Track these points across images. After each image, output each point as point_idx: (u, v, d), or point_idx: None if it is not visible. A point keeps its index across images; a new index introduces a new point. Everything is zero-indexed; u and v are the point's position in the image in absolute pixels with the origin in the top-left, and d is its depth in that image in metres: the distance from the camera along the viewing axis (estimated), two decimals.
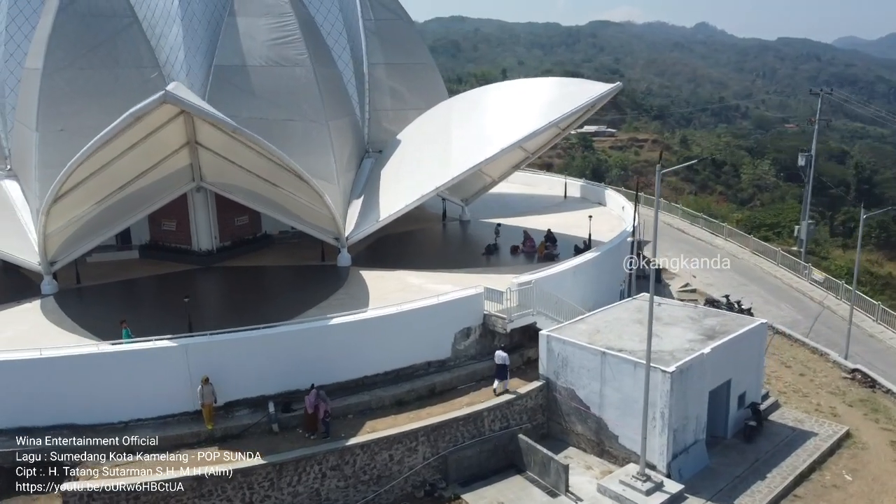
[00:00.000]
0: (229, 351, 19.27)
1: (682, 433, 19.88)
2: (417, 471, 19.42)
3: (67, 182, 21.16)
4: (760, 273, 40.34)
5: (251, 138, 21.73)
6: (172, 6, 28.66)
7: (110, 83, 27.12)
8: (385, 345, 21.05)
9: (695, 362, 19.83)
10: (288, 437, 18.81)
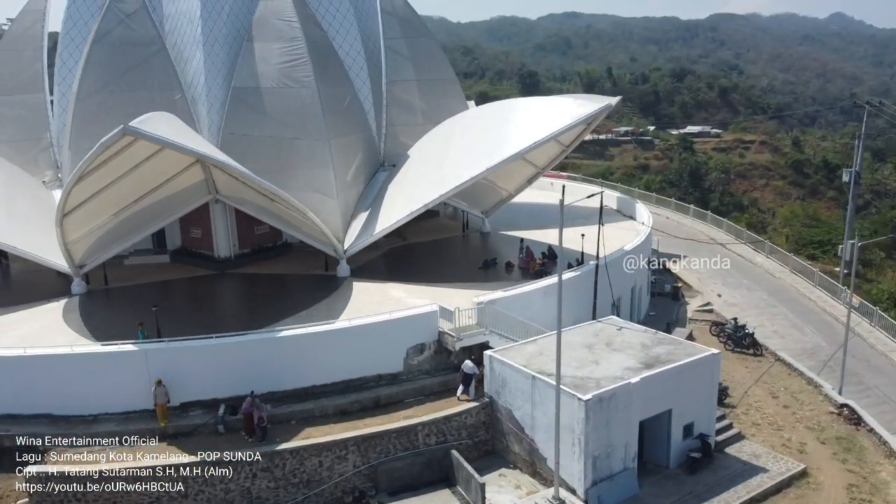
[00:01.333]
0: (185, 357, 21.43)
1: (605, 460, 20.15)
2: (348, 478, 20.80)
3: (70, 201, 24.00)
4: (794, 294, 38.69)
5: (216, 162, 23.70)
6: (197, 33, 31.38)
7: (138, 105, 29.67)
8: (334, 357, 22.57)
9: (619, 391, 20.03)
10: (230, 439, 20.71)
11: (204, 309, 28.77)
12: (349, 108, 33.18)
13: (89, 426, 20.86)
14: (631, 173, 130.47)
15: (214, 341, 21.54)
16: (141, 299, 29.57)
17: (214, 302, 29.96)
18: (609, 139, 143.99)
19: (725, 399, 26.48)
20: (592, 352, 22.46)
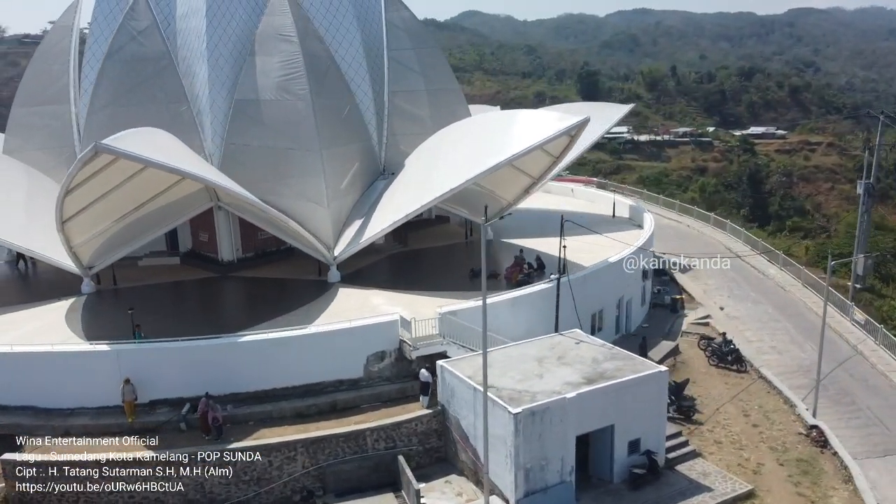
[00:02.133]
0: (153, 358, 23.06)
1: (539, 472, 20.63)
2: (297, 478, 21.95)
3: (66, 210, 25.97)
4: (802, 308, 37.78)
5: (188, 174, 25.20)
6: (202, 48, 33.12)
7: (147, 118, 31.75)
8: (294, 362, 23.77)
9: (553, 406, 20.48)
10: (190, 436, 22.17)
11: (196, 310, 30.51)
12: (347, 119, 34.34)
13: (66, 419, 22.71)
14: (688, 175, 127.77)
15: (180, 344, 23.07)
16: (145, 299, 31.60)
17: (208, 304, 31.63)
18: (666, 140, 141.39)
19: (693, 415, 26.46)
20: (541, 365, 22.91)
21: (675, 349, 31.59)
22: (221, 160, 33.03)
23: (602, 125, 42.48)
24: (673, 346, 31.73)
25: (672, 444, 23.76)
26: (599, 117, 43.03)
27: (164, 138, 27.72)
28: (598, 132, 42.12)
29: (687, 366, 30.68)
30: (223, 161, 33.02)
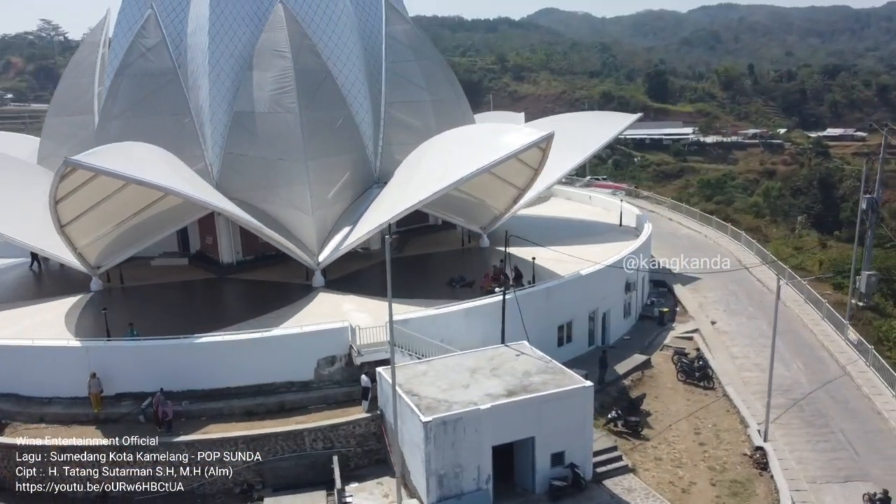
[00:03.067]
0: (119, 355, 25.26)
1: (453, 479, 21.52)
2: (238, 471, 23.60)
3: (62, 216, 28.51)
4: (798, 325, 36.91)
5: (157, 186, 27.14)
6: (205, 62, 35.33)
7: (151, 129, 34.23)
8: (247, 363, 25.44)
9: (466, 416, 21.32)
10: (146, 428, 24.14)
11: (188, 309, 32.57)
12: (339, 130, 35.80)
13: (43, 407, 25.15)
14: (754, 179, 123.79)
15: (141, 343, 25.21)
16: (147, 298, 34.19)
17: (199, 304, 33.71)
18: (734, 142, 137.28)
19: (641, 430, 26.65)
20: (472, 376, 23.73)
21: (645, 363, 31.62)
22: (220, 169, 35.18)
23: (607, 134, 42.68)
24: (644, 359, 31.76)
25: (604, 459, 24.13)
26: (607, 126, 43.38)
27: (143, 152, 29.89)
28: (601, 142, 42.38)
29: (654, 380, 30.72)
30: (222, 170, 35.19)
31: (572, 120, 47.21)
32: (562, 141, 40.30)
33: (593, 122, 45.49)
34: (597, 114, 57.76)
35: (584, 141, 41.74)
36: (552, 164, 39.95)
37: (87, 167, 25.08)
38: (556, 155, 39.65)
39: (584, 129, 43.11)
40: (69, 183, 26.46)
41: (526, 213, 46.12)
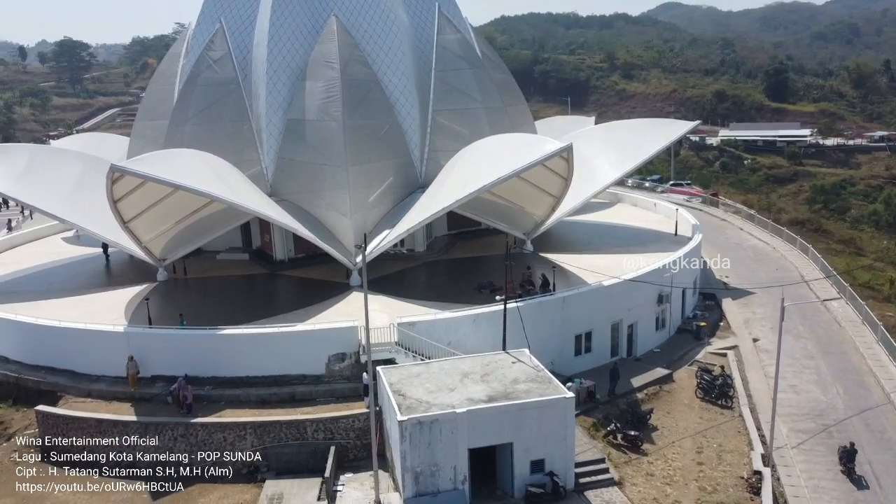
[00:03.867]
0: (154, 341, 28.06)
1: (430, 477, 22.61)
2: (246, 454, 25.75)
3: (123, 214, 31.81)
4: (848, 348, 35.13)
5: (194, 191, 29.66)
6: (263, 73, 38.02)
7: (213, 135, 37.57)
8: (264, 355, 27.55)
9: (442, 418, 22.35)
10: (170, 409, 26.79)
11: (236, 302, 35.21)
12: (384, 137, 37.53)
13: (91, 383, 28.40)
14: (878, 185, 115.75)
15: (173, 332, 27.92)
16: (204, 289, 37.31)
17: (247, 297, 36.32)
18: (858, 145, 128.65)
19: (641, 444, 26.64)
20: (462, 380, 24.69)
21: (666, 377, 31.29)
22: (274, 173, 37.80)
23: (657, 143, 42.09)
24: (665, 374, 31.43)
25: (590, 470, 24.43)
26: (661, 134, 42.80)
27: (187, 158, 32.74)
28: (650, 151, 41.89)
29: (672, 395, 30.39)
30: (275, 174, 37.79)
31: (628, 128, 46.65)
32: (611, 150, 40.57)
33: (648, 130, 44.72)
34: (654, 121, 56.34)
35: (635, 149, 41.42)
36: (600, 172, 40.22)
37: (131, 173, 28.06)
38: (604, 164, 39.91)
39: (637, 138, 42.63)
40: (122, 186, 29.61)
41: (582, 218, 46.33)
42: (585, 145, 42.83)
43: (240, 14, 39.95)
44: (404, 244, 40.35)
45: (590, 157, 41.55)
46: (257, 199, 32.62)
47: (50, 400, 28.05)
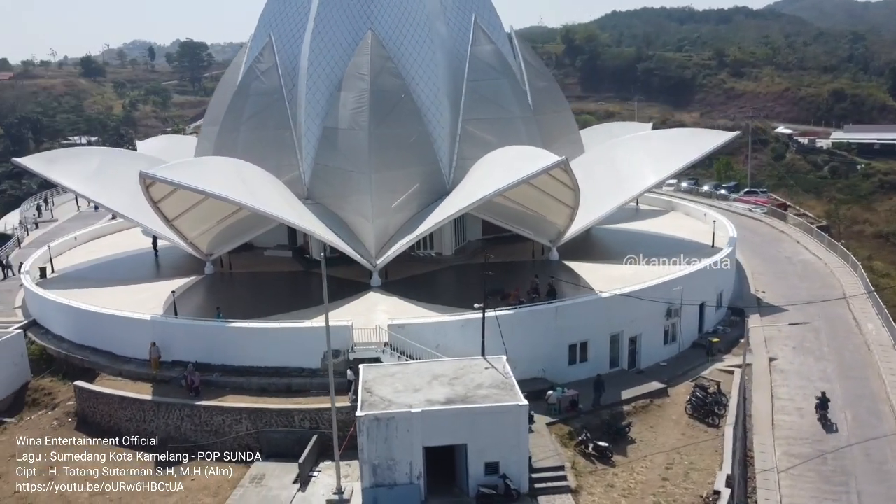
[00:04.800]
0: (175, 330, 31.29)
1: (387, 471, 24.23)
2: (241, 436, 28.42)
3: (166, 213, 35.35)
4: (872, 373, 33.97)
5: (221, 198, 32.56)
6: (303, 83, 40.80)
7: (257, 141, 40.85)
8: (267, 348, 30.12)
9: (398, 416, 23.94)
10: (182, 392, 29.84)
11: (267, 296, 38.08)
12: (412, 145, 39.35)
13: (123, 364, 32.05)
14: None
15: (189, 322, 31.06)
16: (245, 283, 40.57)
17: (277, 292, 39.11)
18: None
19: (610, 456, 27.15)
20: (430, 382, 26.12)
21: (660, 391, 31.32)
22: (310, 177, 40.54)
23: (691, 154, 41.61)
24: (660, 388, 31.46)
25: (548, 476, 25.24)
26: (693, 146, 42.33)
27: (216, 164, 35.82)
28: (682, 162, 41.48)
29: (661, 410, 30.46)
30: (312, 178, 40.55)
31: (664, 138, 46.09)
32: (644, 160, 40.63)
33: (683, 140, 44.12)
34: (691, 131, 54.92)
35: (667, 160, 41.20)
36: (630, 182, 40.41)
37: (158, 179, 31.34)
38: (635, 174, 40.11)
39: (672, 148, 42.27)
40: (158, 189, 33.04)
41: (623, 227, 46.52)
42: (621, 154, 43.13)
43: (290, 29, 42.87)
44: (433, 247, 42.14)
45: (622, 167, 41.82)
46: (279, 204, 35.19)
47: (90, 377, 31.94)
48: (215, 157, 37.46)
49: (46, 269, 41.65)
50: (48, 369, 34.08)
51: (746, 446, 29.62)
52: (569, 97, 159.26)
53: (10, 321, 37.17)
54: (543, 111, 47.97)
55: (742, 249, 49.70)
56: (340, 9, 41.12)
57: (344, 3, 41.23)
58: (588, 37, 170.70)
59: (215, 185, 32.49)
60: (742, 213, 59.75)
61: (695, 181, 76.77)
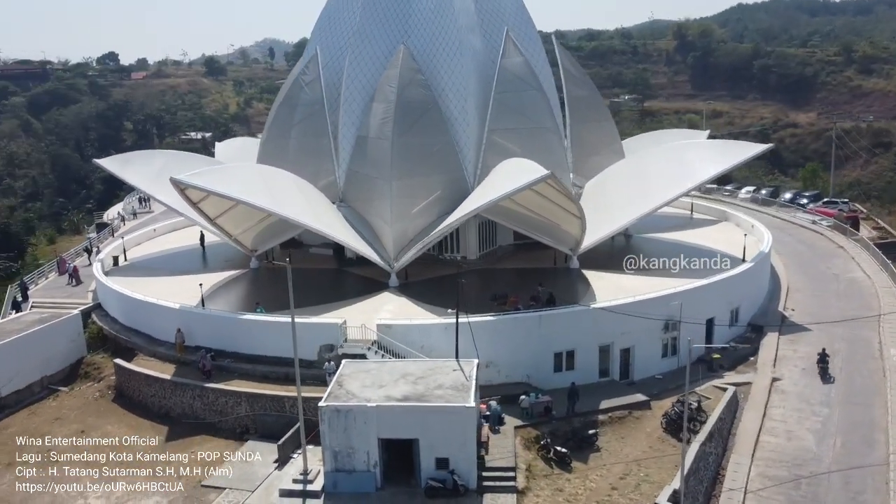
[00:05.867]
0: (195, 318, 35.06)
1: (347, 457, 26.52)
2: (240, 417, 31.68)
3: (208, 213, 39.33)
4: (877, 400, 32.51)
5: (244, 203, 35.91)
6: (341, 96, 43.76)
7: (299, 148, 44.27)
8: (270, 339, 33.17)
9: (355, 409, 26.20)
10: (197, 374, 33.48)
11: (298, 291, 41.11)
12: (436, 154, 41.33)
13: (157, 346, 36.23)
14: None
15: (206, 312, 34.76)
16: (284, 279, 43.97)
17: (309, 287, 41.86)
18: None
19: (569, 462, 28.18)
20: (397, 380, 28.10)
21: (642, 403, 31.74)
22: (344, 182, 43.52)
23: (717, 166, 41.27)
24: (642, 400, 31.86)
25: (498, 475, 26.65)
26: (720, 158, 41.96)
27: (244, 171, 39.24)
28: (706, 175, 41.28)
29: (638, 422, 30.92)
30: (345, 183, 43.52)
31: (694, 148, 45.34)
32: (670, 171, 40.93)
33: (712, 152, 43.43)
34: (723, 143, 53.03)
35: (692, 172, 41.18)
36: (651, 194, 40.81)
37: (185, 184, 35.13)
38: (658, 185, 40.49)
39: (700, 159, 41.97)
40: (193, 192, 36.93)
41: (664, 236, 46.41)
42: (651, 164, 43.29)
43: (336, 43, 45.85)
44: (458, 250, 44.03)
45: (647, 178, 42.07)
46: (299, 207, 38.17)
47: (129, 356, 36.39)
48: (242, 164, 41.25)
49: (119, 258, 46.99)
50: (102, 347, 38.92)
51: (720, 464, 29.64)
52: (677, 95, 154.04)
53: (80, 303, 42.51)
54: (584, 120, 48.73)
55: (789, 264, 48.41)
56: (379, 24, 43.67)
57: (383, 18, 43.72)
58: (702, 32, 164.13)
59: (237, 190, 35.95)
60: (804, 226, 57.34)
61: (774, 189, 73.83)
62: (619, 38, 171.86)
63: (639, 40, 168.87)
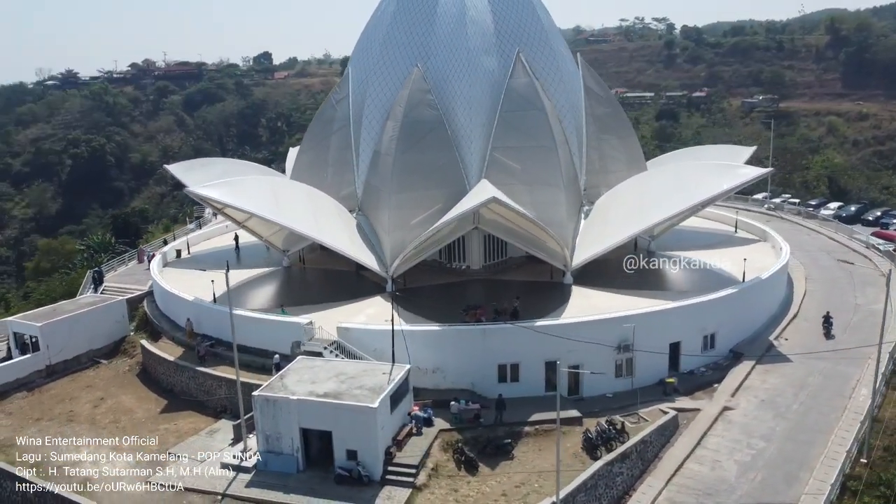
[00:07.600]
0: (201, 310, 40.47)
1: (276, 441, 30.38)
2: (221, 398, 36.52)
3: (236, 218, 44.81)
4: (824, 438, 31.65)
5: (250, 213, 40.71)
6: (360, 113, 47.69)
7: (325, 161, 48.81)
8: (255, 332, 37.74)
9: (280, 400, 30.04)
10: (195, 358, 38.81)
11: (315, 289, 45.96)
12: (440, 169, 44.12)
13: (176, 331, 42.14)
14: None
15: (208, 306, 39.98)
16: (306, 277, 48.94)
17: (324, 286, 46.57)
18: None
19: (476, 468, 30.35)
20: (331, 378, 31.57)
21: (574, 419, 32.98)
22: (362, 193, 47.51)
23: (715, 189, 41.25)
24: (574, 416, 33.11)
25: (403, 471, 29.36)
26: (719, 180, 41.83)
27: (252, 183, 44.00)
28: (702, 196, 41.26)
29: (564, 437, 31.96)
30: (363, 194, 47.49)
31: (694, 170, 44.75)
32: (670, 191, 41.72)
33: (714, 174, 42.79)
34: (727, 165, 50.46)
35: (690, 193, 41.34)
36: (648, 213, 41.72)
37: (198, 195, 40.51)
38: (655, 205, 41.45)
39: (702, 180, 41.88)
40: (213, 203, 42.42)
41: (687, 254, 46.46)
42: (653, 183, 43.80)
43: (367, 63, 49.81)
44: (464, 260, 46.65)
45: (646, 196, 42.67)
46: (302, 217, 42.51)
47: (156, 338, 42.58)
48: (254, 177, 46.26)
49: (182, 251, 53.94)
50: (144, 329, 45.55)
51: (632, 485, 30.52)
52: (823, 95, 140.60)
53: (140, 289, 49.64)
54: (606, 134, 49.54)
55: (816, 291, 46.72)
56: (401, 47, 47.09)
57: (405, 41, 47.09)
58: (859, 26, 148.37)
59: (243, 201, 40.94)
60: (856, 250, 53.99)
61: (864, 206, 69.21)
62: (764, 33, 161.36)
63: (786, 35, 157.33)
